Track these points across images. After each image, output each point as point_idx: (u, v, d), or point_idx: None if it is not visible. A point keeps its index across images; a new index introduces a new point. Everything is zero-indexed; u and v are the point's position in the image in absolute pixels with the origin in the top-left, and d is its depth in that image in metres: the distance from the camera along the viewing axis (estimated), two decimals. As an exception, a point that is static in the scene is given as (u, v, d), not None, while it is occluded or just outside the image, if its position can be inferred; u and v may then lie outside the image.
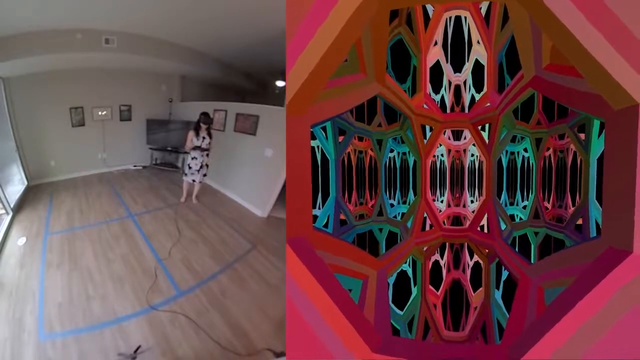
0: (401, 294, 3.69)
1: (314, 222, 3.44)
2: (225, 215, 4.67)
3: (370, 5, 1.55)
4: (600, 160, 3.34)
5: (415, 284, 3.74)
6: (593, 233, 3.26)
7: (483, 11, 3.65)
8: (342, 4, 1.48)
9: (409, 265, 3.75)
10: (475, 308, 3.70)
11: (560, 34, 1.35)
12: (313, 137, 3.60)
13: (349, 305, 1.65)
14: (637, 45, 1.25)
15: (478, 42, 3.72)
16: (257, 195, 4.86)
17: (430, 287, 3.79)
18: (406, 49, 3.76)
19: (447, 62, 3.82)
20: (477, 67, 3.78)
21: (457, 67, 3.83)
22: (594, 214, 3.31)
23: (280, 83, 6.87)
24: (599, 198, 3.25)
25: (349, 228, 3.71)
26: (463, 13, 3.69)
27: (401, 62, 3.75)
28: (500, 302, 3.53)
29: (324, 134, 3.69)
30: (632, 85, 1.29)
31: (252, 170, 5.09)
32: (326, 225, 3.60)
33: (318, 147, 3.67)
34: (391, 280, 3.57)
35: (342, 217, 3.75)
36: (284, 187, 2.99)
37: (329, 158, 3.69)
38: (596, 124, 3.30)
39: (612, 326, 1.36)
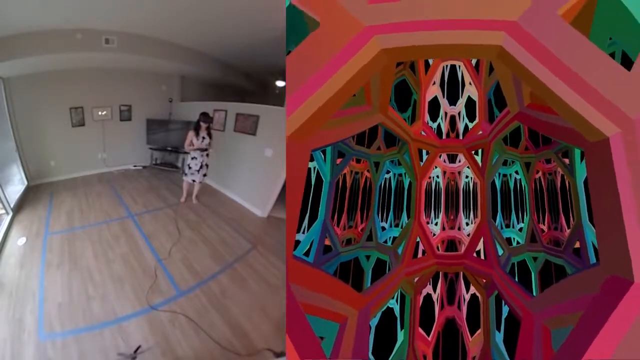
0: (384, 340, 3.27)
1: (295, 248, 3.35)
2: (225, 215, 4.67)
3: (378, 61, 1.79)
4: (586, 182, 3.42)
5: (402, 327, 3.45)
6: (592, 257, 3.24)
7: (473, 62, 4.20)
8: (352, 62, 1.72)
9: (397, 301, 3.49)
10: (474, 358, 3.36)
11: (537, 85, 1.71)
12: (311, 159, 3.59)
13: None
14: (596, 93, 1.59)
15: (470, 83, 4.19)
16: (257, 195, 4.86)
17: (420, 330, 3.49)
18: (408, 87, 4.15)
19: (443, 97, 4.25)
20: (470, 102, 4.19)
21: (452, 101, 4.25)
22: (589, 237, 3.35)
23: (280, 83, 6.86)
24: (592, 219, 3.24)
25: (333, 255, 3.58)
26: (457, 63, 4.27)
27: (403, 96, 4.13)
28: (502, 347, 3.19)
29: (323, 157, 3.75)
30: (600, 123, 1.59)
31: (252, 170, 5.09)
32: (308, 252, 3.48)
33: (314, 168, 3.69)
34: (374, 322, 3.22)
35: (327, 242, 3.61)
36: (284, 187, 2.99)
37: (323, 179, 3.70)
38: (577, 150, 3.49)
39: None
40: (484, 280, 3.54)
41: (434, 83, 4.20)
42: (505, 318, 3.37)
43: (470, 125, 4.10)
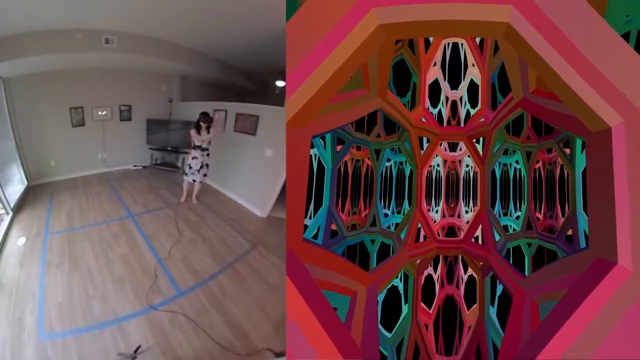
0: (390, 312, 3.55)
1: (304, 232, 3.42)
2: (225, 215, 4.67)
3: (377, 38, 1.70)
4: (585, 173, 3.48)
5: (406, 302, 3.66)
6: (582, 244, 3.35)
7: (477, 40, 3.99)
8: (350, 39, 1.63)
9: (401, 280, 3.67)
10: (470, 327, 3.63)
11: (544, 69, 1.65)
12: (311, 146, 3.59)
13: (336, 327, 1.60)
14: (604, 80, 1.55)
15: (473, 64, 4.01)
16: (257, 195, 4.86)
17: (422, 304, 3.70)
18: (407, 68, 3.98)
19: (444, 80, 4.07)
20: (472, 86, 4.04)
21: (454, 85, 4.08)
22: (582, 225, 3.42)
23: (280, 83, 6.86)
24: (586, 209, 3.31)
25: (339, 239, 3.65)
26: (460, 40, 4.04)
27: (402, 78, 3.96)
28: (495, 319, 3.48)
29: (323, 143, 3.72)
30: (604, 112, 1.57)
31: (252, 170, 5.09)
32: (316, 236, 3.54)
33: (315, 155, 3.69)
34: (381, 297, 3.45)
35: (334, 227, 3.67)
36: (284, 187, 3.00)
37: (325, 167, 3.71)
38: (579, 141, 3.48)
39: (605, 338, 1.44)
40: (481, 263, 3.71)
41: (435, 64, 4.03)
42: (499, 295, 3.60)
43: (472, 112, 4.02)
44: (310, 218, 3.58)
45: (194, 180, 4.85)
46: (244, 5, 3.98)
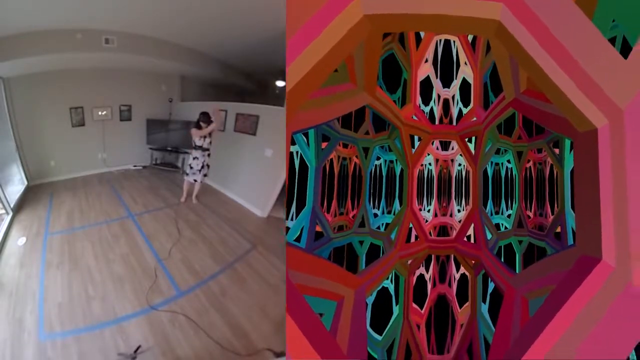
0: (381, 315, 3.49)
1: (285, 234, 3.36)
2: (225, 215, 4.67)
3: (362, 29, 1.68)
4: (572, 172, 3.52)
5: (397, 303, 3.62)
6: (570, 240, 3.44)
7: (470, 38, 3.96)
8: (335, 24, 1.61)
9: (391, 281, 3.62)
10: (462, 325, 3.64)
11: (533, 69, 1.70)
12: (293, 143, 3.51)
13: (318, 333, 1.58)
14: (593, 83, 1.61)
15: (465, 63, 3.99)
16: (257, 195, 4.87)
17: (414, 305, 3.68)
18: (397, 63, 3.90)
19: (436, 77, 4.03)
20: (464, 85, 4.02)
21: (446, 83, 4.05)
22: (570, 222, 3.49)
23: (280, 83, 6.86)
24: (574, 206, 3.39)
25: (325, 241, 3.56)
26: (452, 37, 4.00)
27: (392, 74, 3.89)
28: (487, 316, 3.51)
29: (305, 140, 3.59)
30: (591, 113, 1.63)
31: (252, 170, 5.09)
32: (299, 239, 3.45)
33: (297, 153, 3.57)
34: (370, 299, 3.41)
35: (319, 228, 3.56)
36: (284, 187, 2.99)
37: (308, 165, 3.62)
38: (567, 141, 3.53)
39: (590, 332, 1.50)
40: (473, 262, 3.73)
41: (426, 61, 3.97)
42: (490, 293, 3.63)
43: (465, 111, 4.01)
44: (292, 219, 3.50)
45: (195, 180, 4.85)
46: (244, 5, 3.98)
